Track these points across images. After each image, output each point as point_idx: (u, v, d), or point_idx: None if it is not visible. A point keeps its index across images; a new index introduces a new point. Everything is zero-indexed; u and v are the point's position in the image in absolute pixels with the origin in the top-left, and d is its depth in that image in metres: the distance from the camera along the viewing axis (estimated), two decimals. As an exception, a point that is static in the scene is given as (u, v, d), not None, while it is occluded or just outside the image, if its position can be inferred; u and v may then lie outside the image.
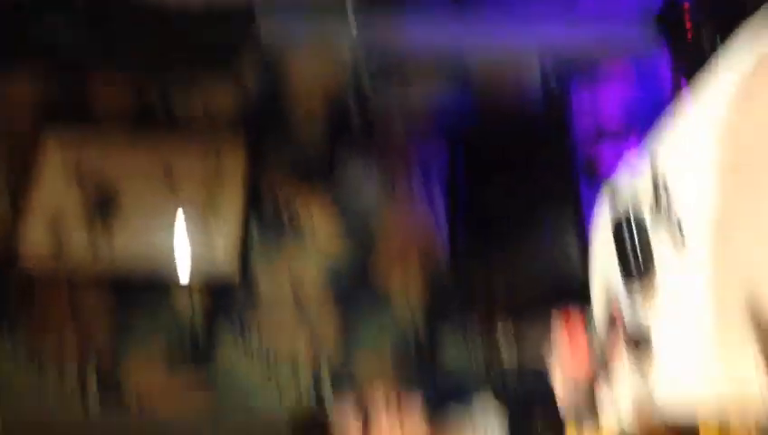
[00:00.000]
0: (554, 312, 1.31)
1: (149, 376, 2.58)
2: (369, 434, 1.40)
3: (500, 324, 1.32)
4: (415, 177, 2.87)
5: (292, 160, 2.86)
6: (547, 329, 1.29)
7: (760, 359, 0.85)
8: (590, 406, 1.41)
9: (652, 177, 1.19)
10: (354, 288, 2.73)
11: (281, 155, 2.86)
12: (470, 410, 1.59)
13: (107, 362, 2.58)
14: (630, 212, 1.24)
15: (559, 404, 1.47)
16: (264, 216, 2.79)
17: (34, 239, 2.66)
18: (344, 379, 2.61)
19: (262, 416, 2.55)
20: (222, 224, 2.73)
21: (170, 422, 2.52)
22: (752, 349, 0.87)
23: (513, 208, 2.21)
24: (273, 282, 2.72)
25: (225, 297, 2.69)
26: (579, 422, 0.77)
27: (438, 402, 1.58)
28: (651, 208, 1.19)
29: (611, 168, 1.53)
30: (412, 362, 2.66)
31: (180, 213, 2.74)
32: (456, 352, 2.69)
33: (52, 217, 2.69)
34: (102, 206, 2.73)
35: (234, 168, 2.80)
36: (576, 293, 1.62)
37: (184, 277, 2.69)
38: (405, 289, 2.74)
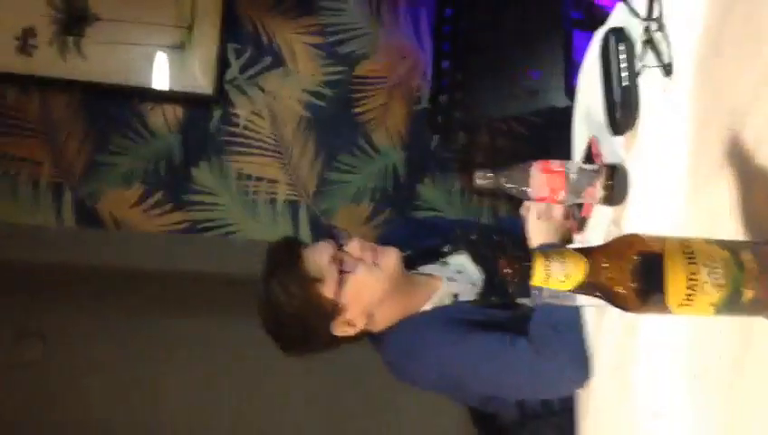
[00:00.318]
0: (534, 162, 1.29)
1: (125, 197, 2.58)
2: (344, 280, 1.41)
3: (478, 170, 1.30)
4: (402, 7, 2.77)
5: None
6: (526, 179, 1.27)
7: (734, 199, 0.85)
8: (560, 244, 1.43)
9: (647, 5, 1.13)
10: (335, 121, 2.70)
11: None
12: (445, 256, 1.61)
13: (82, 180, 2.57)
14: (620, 39, 1.20)
15: (530, 244, 1.49)
16: (243, 41, 2.69)
17: (2, 51, 2.56)
18: (321, 221, 2.64)
19: (237, 243, 2.59)
20: (199, 47, 2.64)
21: (144, 239, 2.56)
22: (727, 189, 0.86)
23: (500, 44, 2.15)
24: (251, 112, 2.67)
25: (202, 123, 2.64)
26: (547, 258, 0.77)
27: (415, 251, 1.60)
28: (642, 40, 1.15)
29: (607, 12, 1.47)
30: (390, 204, 2.68)
31: (156, 33, 2.64)
32: (435, 196, 2.71)
33: (20, 28, 2.58)
34: (74, 19, 2.61)
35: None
36: (557, 144, 1.60)
37: (160, 98, 2.63)
38: (386, 124, 2.71)
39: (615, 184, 1.23)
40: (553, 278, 0.76)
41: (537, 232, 1.50)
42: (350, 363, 1.94)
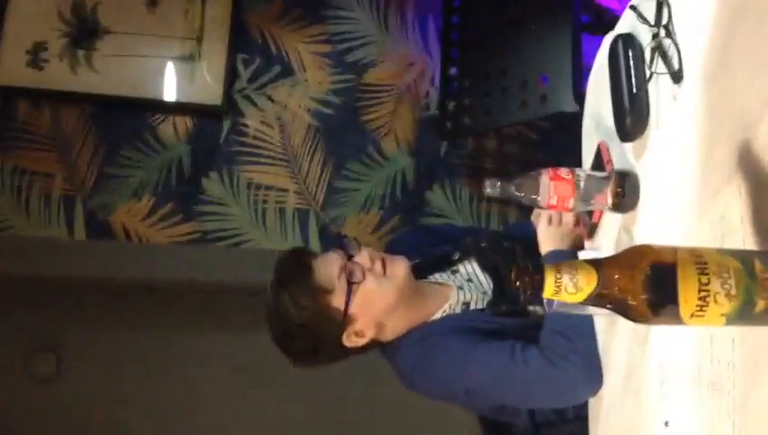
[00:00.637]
0: (543, 169, 1.29)
1: (136, 208, 2.59)
2: (353, 291, 1.41)
3: (488, 180, 1.29)
4: (410, 15, 2.77)
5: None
6: (535, 186, 1.27)
7: (746, 209, 0.84)
8: (572, 254, 1.42)
9: (656, 6, 1.13)
10: (343, 129, 2.70)
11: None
12: (456, 268, 1.60)
13: (93, 192, 2.57)
14: (629, 45, 1.19)
15: (540, 254, 1.49)
16: (252, 51, 2.70)
17: (13, 64, 2.58)
18: (331, 229, 2.64)
19: (247, 253, 2.59)
20: (208, 58, 2.65)
21: (156, 250, 2.56)
22: (738, 199, 0.85)
23: (508, 50, 2.14)
24: (260, 121, 2.68)
25: (212, 133, 2.65)
26: (558, 270, 0.77)
27: (424, 260, 1.60)
28: (651, 46, 1.14)
29: (616, 17, 1.46)
30: (399, 211, 2.67)
31: (165, 44, 2.65)
32: (444, 203, 2.71)
33: (31, 41, 2.60)
34: (84, 32, 2.63)
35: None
36: (567, 149, 1.60)
37: (170, 110, 2.64)
38: (395, 131, 2.71)
39: (625, 191, 1.23)
40: (564, 291, 0.75)
41: (548, 239, 1.50)
42: (357, 372, 1.93)
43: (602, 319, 1.34)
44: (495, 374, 1.38)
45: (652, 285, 0.73)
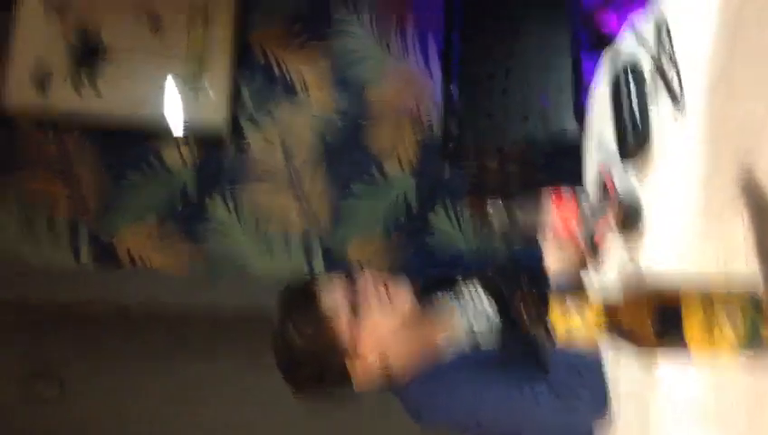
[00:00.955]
0: (546, 191, 1.28)
1: (141, 232, 2.59)
2: (357, 317, 1.40)
3: (491, 201, 1.29)
4: (410, 34, 2.78)
5: (284, 14, 2.74)
6: (538, 208, 1.27)
7: (749, 232, 0.83)
8: (577, 283, 1.41)
9: (655, 29, 1.13)
10: (346, 150, 2.70)
11: (272, 6, 2.74)
12: (459, 291, 1.59)
13: (98, 215, 2.58)
14: (630, 68, 1.19)
15: (546, 281, 1.48)
16: (254, 72, 2.71)
17: (18, 86, 2.59)
18: (335, 253, 2.63)
19: (252, 278, 2.59)
20: (211, 79, 2.66)
21: (161, 277, 2.56)
22: (741, 222, 0.84)
23: (508, 68, 2.15)
24: (263, 142, 2.68)
25: (216, 155, 2.65)
26: (564, 297, 0.76)
27: (428, 283, 1.59)
28: (651, 70, 1.14)
29: (615, 35, 1.46)
30: (403, 236, 2.66)
31: (168, 66, 2.66)
32: (447, 224, 2.70)
33: (35, 64, 2.61)
34: (87, 54, 2.64)
35: (223, 19, 2.69)
36: (570, 172, 1.59)
37: (174, 131, 2.64)
38: (397, 151, 2.71)
39: (628, 214, 1.22)
40: (572, 329, 0.75)
41: (554, 261, 1.48)
42: (362, 403, 1.92)
43: (610, 349, 1.32)
44: (506, 412, 1.36)
45: (659, 322, 0.72)
